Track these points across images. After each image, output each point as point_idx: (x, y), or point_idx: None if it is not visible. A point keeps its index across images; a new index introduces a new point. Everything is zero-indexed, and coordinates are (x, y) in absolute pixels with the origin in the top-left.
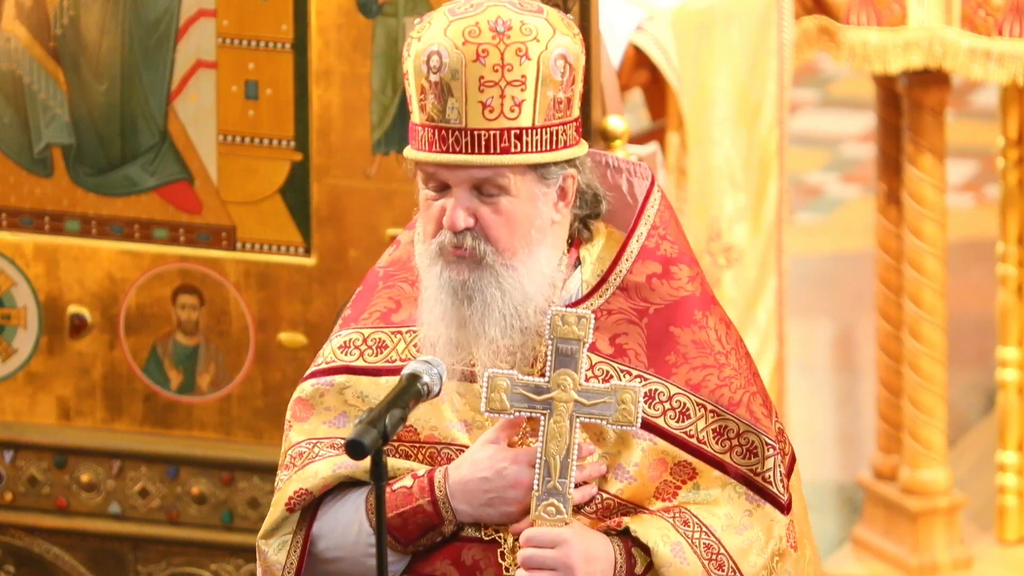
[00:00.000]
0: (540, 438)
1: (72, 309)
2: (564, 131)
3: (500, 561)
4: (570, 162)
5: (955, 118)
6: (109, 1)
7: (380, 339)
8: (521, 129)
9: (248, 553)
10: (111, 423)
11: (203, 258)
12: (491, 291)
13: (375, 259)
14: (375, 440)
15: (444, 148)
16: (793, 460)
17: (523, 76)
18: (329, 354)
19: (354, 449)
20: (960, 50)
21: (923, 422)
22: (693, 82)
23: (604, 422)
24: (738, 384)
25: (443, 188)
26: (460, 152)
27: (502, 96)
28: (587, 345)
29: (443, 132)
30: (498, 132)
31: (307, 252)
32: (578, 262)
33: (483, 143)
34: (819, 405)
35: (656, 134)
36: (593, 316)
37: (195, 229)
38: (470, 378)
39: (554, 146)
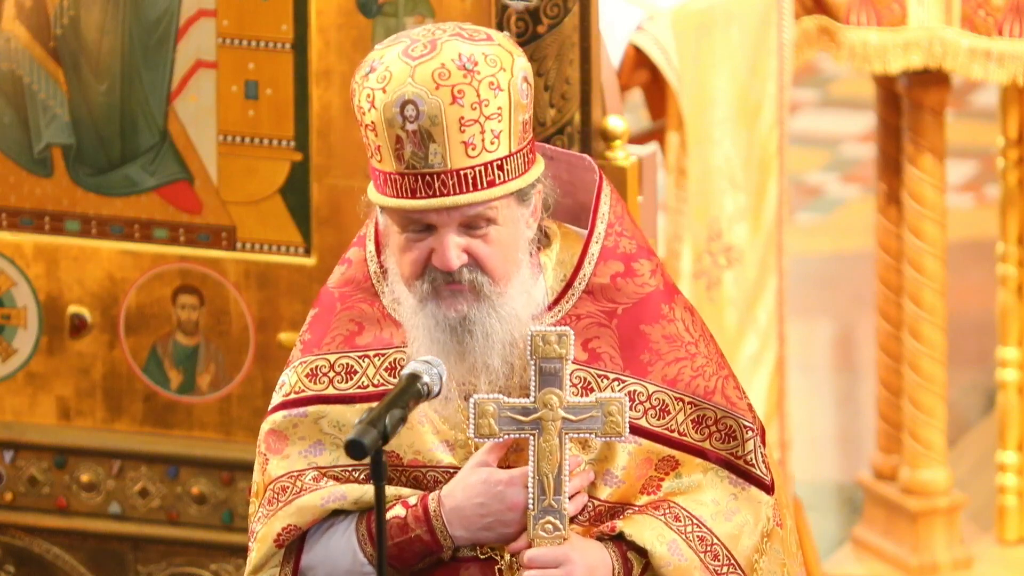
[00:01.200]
0: (531, 458)
1: (72, 309)
2: (531, 149)
3: None
4: (535, 183)
5: (955, 118)
6: (109, 1)
7: (348, 364)
8: (502, 159)
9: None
10: (111, 423)
11: (203, 258)
12: (491, 322)
13: None
14: (375, 440)
15: (430, 193)
16: (763, 433)
17: (499, 108)
18: (296, 383)
19: (354, 449)
20: (960, 50)
21: (923, 422)
22: (693, 82)
23: (593, 435)
24: (711, 371)
25: (425, 229)
26: (448, 194)
27: (482, 132)
28: (569, 362)
29: (427, 178)
30: (482, 167)
31: (307, 252)
32: (539, 268)
33: (469, 181)
34: (819, 405)
35: (656, 134)
36: (573, 333)
37: (195, 229)
38: (446, 397)
39: (527, 167)
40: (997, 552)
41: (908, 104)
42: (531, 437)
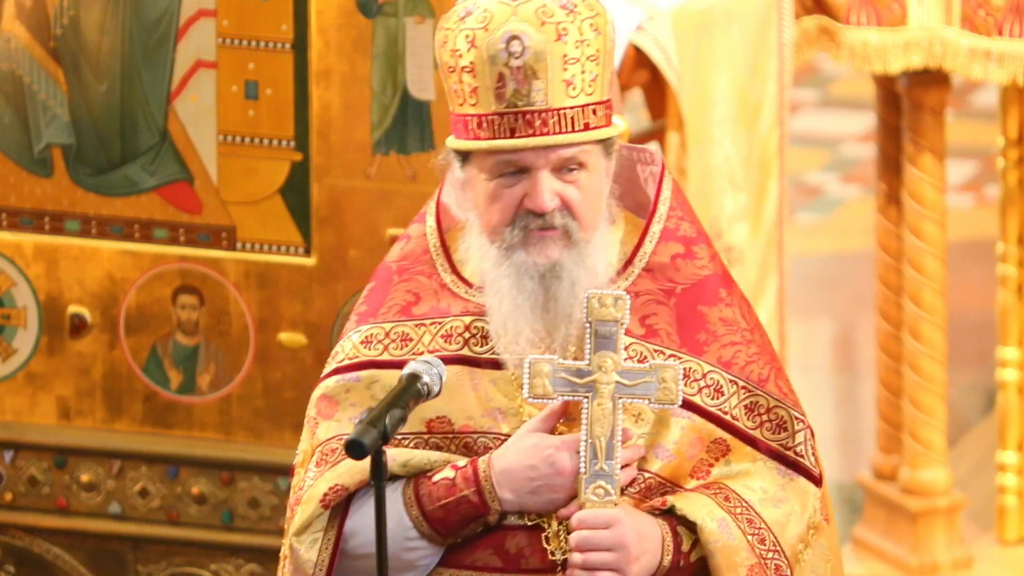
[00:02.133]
0: (584, 421)
1: (72, 309)
2: (611, 107)
3: (545, 546)
4: (615, 138)
5: (955, 118)
6: (109, 1)
7: (403, 332)
8: (596, 104)
9: (248, 553)
10: (111, 423)
11: (203, 258)
12: (578, 270)
13: (375, 259)
14: (375, 440)
15: (531, 132)
16: (812, 432)
17: (597, 51)
18: (351, 349)
19: (354, 449)
20: (960, 50)
21: (923, 422)
22: (693, 82)
23: (646, 402)
24: (764, 360)
25: (519, 173)
26: (549, 133)
27: (583, 72)
28: (624, 326)
29: (528, 116)
30: (580, 108)
31: (307, 252)
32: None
33: (569, 121)
34: (819, 405)
35: (656, 134)
36: (629, 297)
37: (195, 229)
38: (500, 366)
39: (610, 121)
40: (997, 552)
41: (908, 104)
42: (584, 400)
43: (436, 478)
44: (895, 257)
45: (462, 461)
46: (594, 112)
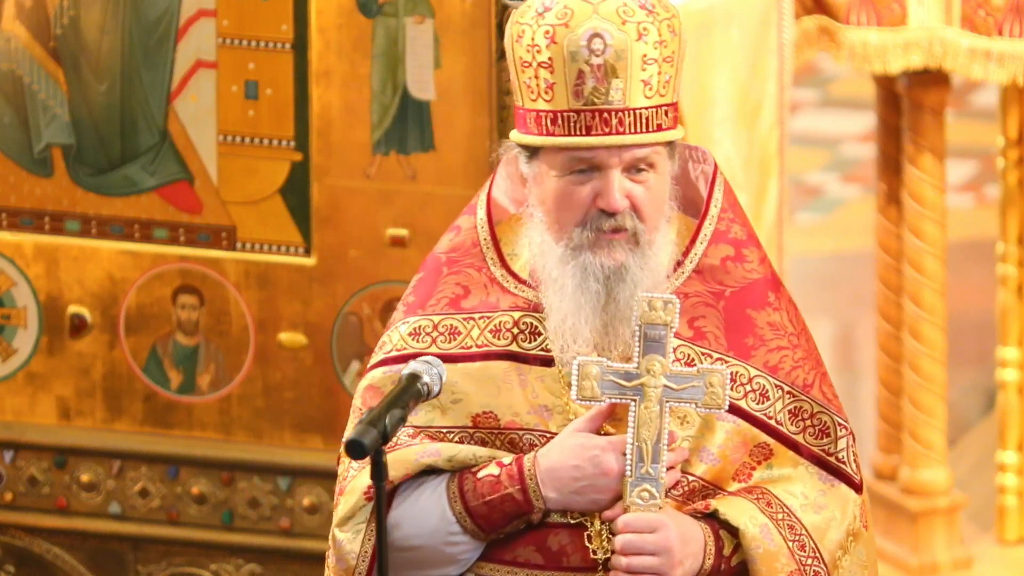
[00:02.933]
0: (631, 424)
1: (72, 309)
2: (678, 108)
3: (587, 544)
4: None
5: (955, 118)
6: (109, 1)
7: (451, 325)
8: (668, 105)
9: (248, 553)
10: (111, 423)
11: (203, 258)
12: (641, 273)
13: (375, 259)
14: (375, 440)
15: (607, 130)
16: (855, 438)
17: (673, 52)
18: (398, 341)
19: (354, 449)
20: (960, 50)
21: (923, 422)
22: (693, 82)
23: (693, 406)
24: (810, 365)
25: (590, 171)
26: (625, 132)
27: (659, 73)
28: (674, 330)
29: (605, 114)
30: (655, 109)
31: (307, 252)
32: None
33: (644, 121)
34: None
35: None
36: (679, 301)
37: (195, 229)
38: (548, 363)
39: (676, 123)
40: (997, 552)
41: (908, 104)
42: (632, 403)
43: (481, 474)
44: (895, 257)
45: (507, 458)
46: (666, 113)
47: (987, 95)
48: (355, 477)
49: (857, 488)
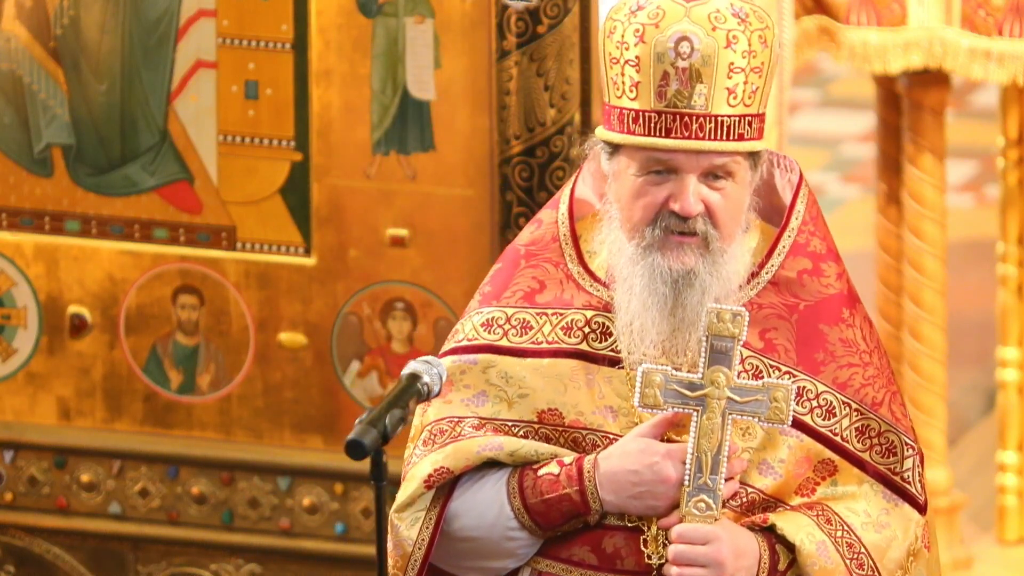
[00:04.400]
0: (692, 434)
1: (72, 309)
2: (764, 120)
3: (642, 549)
4: (762, 153)
5: (955, 118)
6: (109, 1)
7: (524, 319)
8: (753, 116)
9: (248, 553)
10: (111, 423)
11: (203, 258)
12: (711, 280)
13: (375, 259)
14: (375, 440)
15: (687, 134)
16: (922, 459)
17: (762, 63)
18: (471, 331)
19: (354, 449)
20: (960, 50)
21: (923, 422)
22: None
23: (756, 419)
24: (880, 384)
25: (667, 173)
26: (704, 138)
27: (746, 82)
28: (741, 343)
29: (686, 118)
30: (738, 118)
31: (307, 252)
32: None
33: (725, 129)
34: None
35: None
36: (748, 314)
37: (195, 229)
38: (617, 364)
39: (762, 134)
40: (997, 552)
41: (908, 104)
42: (694, 413)
43: (541, 472)
44: (895, 257)
45: (568, 457)
46: (750, 124)
47: (987, 95)
48: (416, 465)
49: (921, 509)
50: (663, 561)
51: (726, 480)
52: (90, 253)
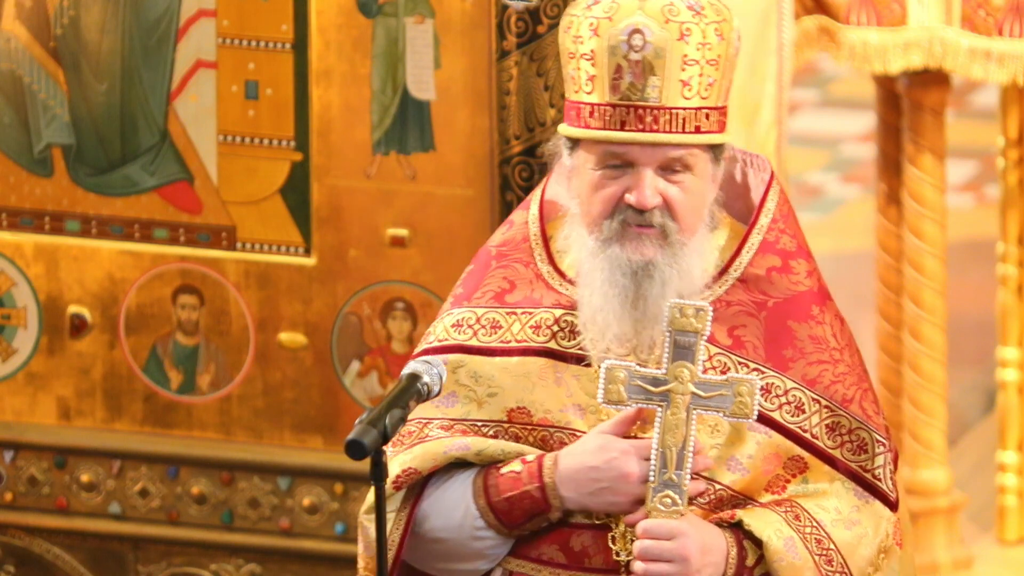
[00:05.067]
0: (656, 430)
1: (72, 309)
2: (726, 113)
3: (610, 546)
4: (725, 146)
5: (955, 118)
6: (109, 1)
7: (494, 319)
8: (710, 109)
9: (248, 553)
10: (111, 423)
11: (203, 258)
12: (670, 271)
13: (375, 259)
14: (375, 440)
15: (641, 127)
16: (897, 457)
17: (718, 56)
18: (441, 332)
19: (354, 449)
20: (960, 50)
21: (923, 422)
22: None
23: (721, 414)
24: (851, 381)
25: (624, 166)
26: (658, 131)
27: (700, 75)
28: (705, 338)
29: (640, 111)
30: (694, 111)
31: (307, 252)
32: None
33: (680, 121)
34: None
35: None
36: (711, 309)
37: (195, 229)
38: (586, 362)
39: (724, 128)
40: (997, 552)
41: (908, 104)
42: (658, 408)
43: (504, 470)
44: (895, 257)
45: (532, 455)
46: (707, 116)
47: (987, 95)
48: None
49: (892, 506)
50: (631, 558)
51: (692, 477)
52: (90, 253)
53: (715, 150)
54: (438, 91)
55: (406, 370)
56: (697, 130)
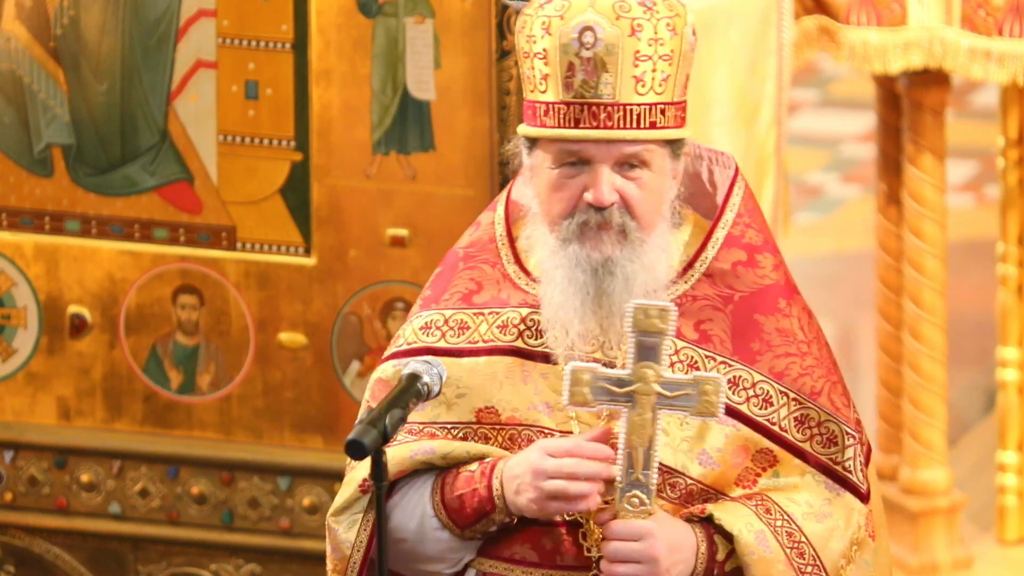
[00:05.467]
0: (623, 430)
1: (72, 309)
2: (684, 108)
3: (581, 543)
4: (684, 141)
5: (955, 118)
6: (109, 1)
7: (462, 320)
8: (666, 104)
9: (248, 553)
10: (111, 423)
11: (203, 258)
12: (633, 267)
13: (375, 259)
14: (375, 440)
15: (595, 124)
16: (870, 451)
17: (672, 51)
18: (410, 335)
19: (354, 449)
20: (960, 50)
21: (923, 422)
22: (692, 83)
23: (686, 413)
24: (819, 373)
25: (581, 164)
26: (612, 127)
27: (654, 71)
28: (669, 338)
29: (594, 108)
30: (648, 107)
31: (307, 252)
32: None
33: (634, 117)
34: None
35: None
36: (676, 309)
37: (195, 229)
38: (552, 360)
39: (682, 123)
40: (997, 552)
41: (908, 104)
42: (624, 409)
43: (463, 470)
44: (895, 257)
45: (491, 457)
46: (662, 112)
47: (987, 95)
48: (354, 468)
49: (863, 498)
50: (602, 555)
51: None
52: (90, 253)
53: (673, 145)
54: (438, 91)
55: (406, 370)
56: (653, 125)
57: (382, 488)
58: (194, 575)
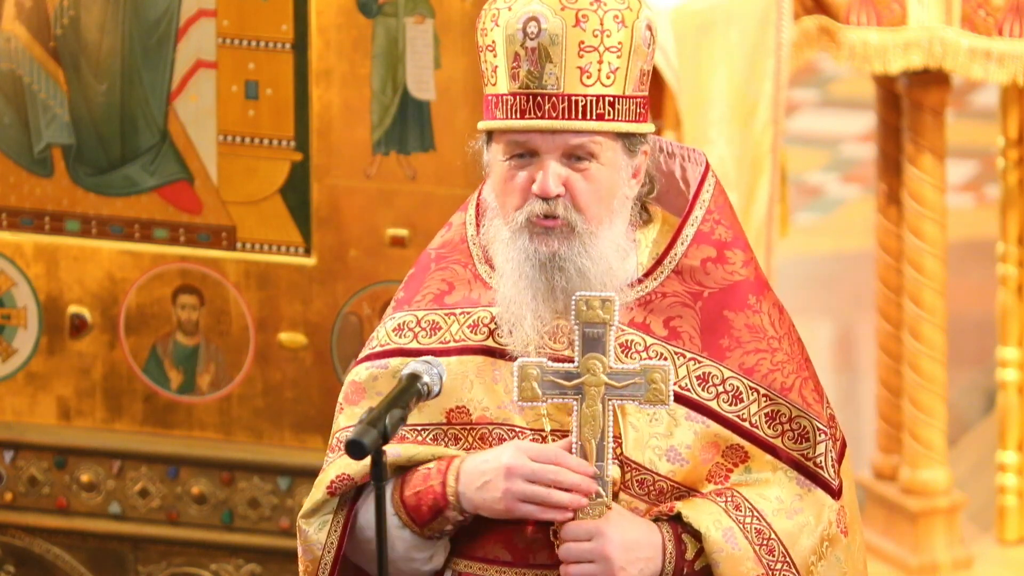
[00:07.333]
0: (574, 424)
1: (72, 309)
2: (643, 104)
3: (553, 541)
4: (644, 138)
5: (955, 118)
6: (109, 1)
7: (433, 321)
8: (615, 97)
9: (248, 553)
10: (111, 423)
11: (203, 258)
12: (583, 260)
13: (375, 259)
14: (375, 440)
15: (540, 114)
16: (844, 446)
17: (620, 43)
18: (383, 337)
19: (354, 449)
20: (960, 50)
21: (923, 422)
22: (691, 82)
23: (636, 402)
24: (790, 369)
25: (529, 156)
26: (557, 118)
27: (600, 62)
28: (614, 328)
29: (539, 99)
30: (595, 98)
31: (307, 252)
32: (633, 244)
33: (580, 108)
34: None
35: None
36: (617, 298)
37: (195, 229)
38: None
39: (639, 118)
40: (997, 552)
41: (908, 104)
42: (574, 402)
43: (421, 467)
44: (895, 257)
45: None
46: (611, 104)
47: (987, 95)
48: (324, 471)
49: (835, 494)
50: None
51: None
52: (90, 253)
53: (627, 140)
54: (438, 91)
55: (406, 370)
56: (600, 117)
57: (382, 488)
58: (194, 575)
